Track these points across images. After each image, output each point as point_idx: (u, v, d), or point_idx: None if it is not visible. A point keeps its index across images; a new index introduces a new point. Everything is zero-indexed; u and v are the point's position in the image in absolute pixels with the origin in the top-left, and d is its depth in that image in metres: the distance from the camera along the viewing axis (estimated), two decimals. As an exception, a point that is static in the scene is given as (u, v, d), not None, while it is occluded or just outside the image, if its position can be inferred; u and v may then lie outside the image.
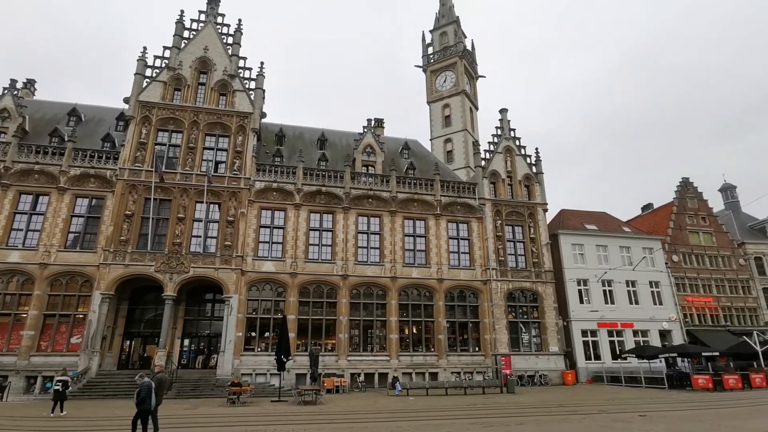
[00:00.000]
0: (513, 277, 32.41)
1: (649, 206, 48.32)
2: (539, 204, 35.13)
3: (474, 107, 50.08)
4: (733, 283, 39.48)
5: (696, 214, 41.64)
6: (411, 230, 31.99)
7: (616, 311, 35.09)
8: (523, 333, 31.79)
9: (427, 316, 30.37)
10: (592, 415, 15.61)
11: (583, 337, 33.99)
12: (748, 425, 12.43)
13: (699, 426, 12.62)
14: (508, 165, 35.99)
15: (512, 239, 33.82)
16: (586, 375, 32.48)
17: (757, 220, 44.68)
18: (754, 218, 45.35)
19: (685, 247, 39.77)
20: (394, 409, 17.68)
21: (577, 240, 36.63)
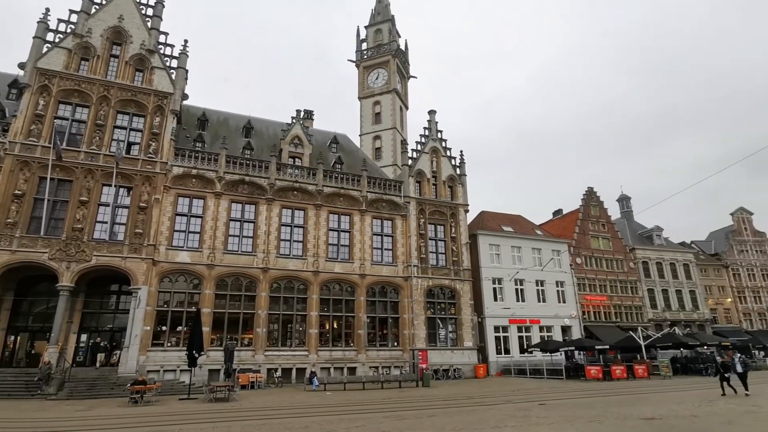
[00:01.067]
0: (433, 275, 33.46)
1: (559, 212, 52.25)
2: (461, 205, 36.56)
3: (404, 106, 50.92)
4: (623, 284, 43.91)
5: (597, 221, 45.74)
6: (336, 225, 31.83)
7: (526, 309, 37.58)
8: (440, 328, 32.95)
9: (348, 311, 30.42)
10: (498, 405, 16.58)
11: (495, 333, 36.03)
12: (631, 411, 13.87)
13: (589, 412, 13.86)
14: (433, 165, 37.04)
15: (434, 237, 34.89)
16: (496, 368, 34.44)
17: (645, 228, 50.01)
18: (643, 227, 50.71)
19: (587, 251, 43.54)
20: (310, 405, 17.52)
21: (495, 241, 38.69)
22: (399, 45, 51.10)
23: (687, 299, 46.09)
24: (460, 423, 12.47)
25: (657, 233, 48.75)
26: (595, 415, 13.19)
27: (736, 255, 50.49)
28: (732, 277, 49.41)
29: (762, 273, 50.59)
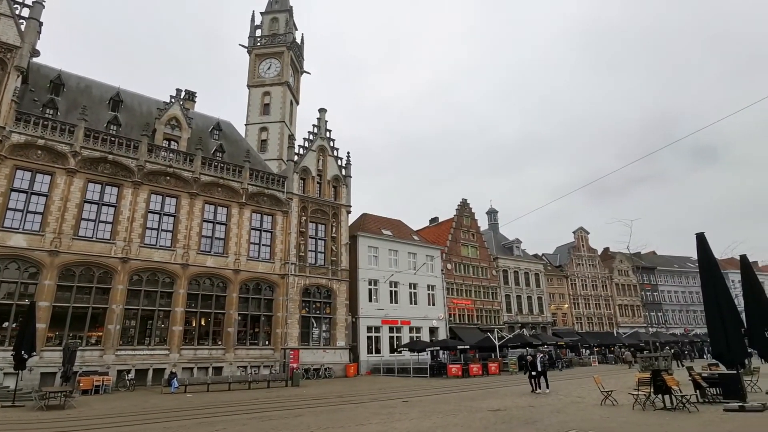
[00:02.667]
0: (311, 273, 33.23)
1: (435, 219, 55.63)
2: (344, 205, 36.92)
3: (295, 101, 49.90)
4: (486, 290, 48.30)
5: (468, 231, 49.67)
6: (211, 216, 29.92)
7: (398, 310, 39.26)
8: (314, 328, 32.82)
9: (218, 308, 28.73)
10: (365, 403, 17.02)
11: (368, 333, 37.00)
12: (481, 404, 15.27)
13: (446, 406, 14.94)
14: (319, 164, 36.86)
15: (315, 236, 34.70)
16: (366, 367, 35.34)
17: (508, 240, 55.70)
18: (506, 238, 56.42)
19: (457, 258, 47.00)
20: (165, 409, 16.12)
21: (374, 243, 39.79)
22: (295, 38, 49.96)
23: (535, 304, 52.33)
24: (326, 422, 12.51)
25: (517, 245, 54.58)
26: (451, 409, 14.24)
27: (575, 267, 58.76)
28: (570, 286, 57.36)
29: (592, 283, 59.57)
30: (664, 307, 64.33)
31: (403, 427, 11.24)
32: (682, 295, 66.59)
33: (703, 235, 13.60)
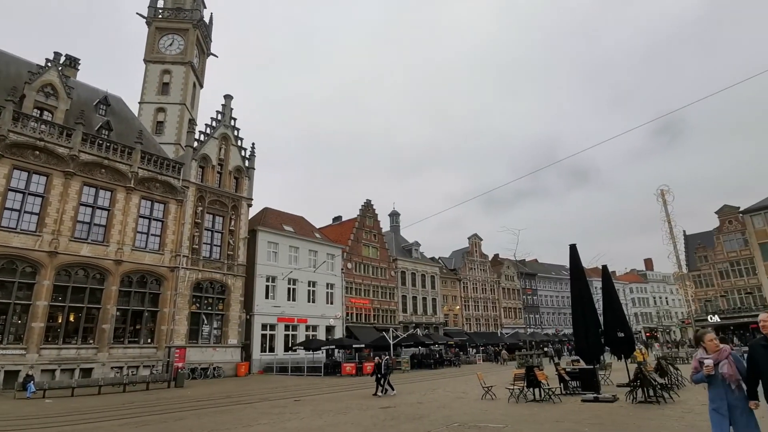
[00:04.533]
0: (204, 267, 31.35)
1: (338, 218, 55.69)
2: (245, 198, 35.42)
3: (199, 84, 46.81)
4: (384, 290, 49.43)
5: (371, 231, 50.44)
6: (91, 199, 26.85)
7: (296, 308, 38.59)
8: (205, 324, 31.01)
9: (93, 302, 25.81)
10: (254, 403, 16.44)
11: (262, 331, 35.85)
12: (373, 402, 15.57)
13: (338, 405, 15.00)
14: (221, 153, 34.96)
15: (211, 228, 32.83)
16: (259, 366, 34.20)
17: (407, 242, 57.60)
18: (406, 240, 58.32)
19: (358, 257, 47.48)
20: (16, 417, 14.06)
21: (274, 239, 38.69)
22: (203, 16, 46.89)
23: (429, 305, 54.75)
24: (211, 424, 11.85)
25: (416, 247, 56.65)
26: (342, 408, 14.32)
27: (468, 271, 62.59)
28: (462, 289, 61.00)
29: (482, 287, 63.93)
30: (541, 309, 71.28)
31: (293, 427, 11.05)
32: (556, 299, 74.36)
33: (575, 246, 15.30)
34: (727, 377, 4.89)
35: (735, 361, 4.95)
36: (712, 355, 5.09)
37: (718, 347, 5.12)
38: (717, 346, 5.13)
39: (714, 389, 5.07)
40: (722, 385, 4.96)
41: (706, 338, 5.26)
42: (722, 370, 4.92)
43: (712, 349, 5.14)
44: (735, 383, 4.88)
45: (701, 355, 5.22)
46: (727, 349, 5.09)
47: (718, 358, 5.02)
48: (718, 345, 5.15)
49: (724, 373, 4.91)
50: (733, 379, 4.88)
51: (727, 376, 4.89)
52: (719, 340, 5.28)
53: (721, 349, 5.09)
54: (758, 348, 4.78)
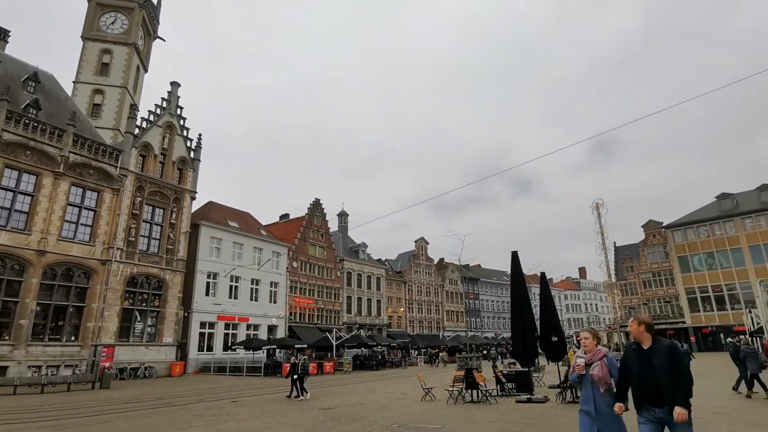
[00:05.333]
0: (140, 261, 29.74)
1: (286, 216, 54.68)
2: (189, 190, 33.99)
3: (143, 68, 44.37)
4: (329, 290, 49.08)
5: (318, 230, 49.93)
6: (13, 183, 24.74)
7: (237, 306, 37.45)
8: (138, 322, 29.40)
9: (10, 295, 23.78)
10: (189, 404, 15.75)
11: (201, 329, 34.48)
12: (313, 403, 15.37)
13: (277, 406, 14.69)
14: (165, 142, 33.35)
15: (150, 221, 31.22)
16: (195, 366, 32.87)
17: (355, 243, 57.54)
18: (354, 241, 58.23)
19: (304, 256, 46.85)
20: None
21: (218, 234, 37.36)
22: (150, -4, 44.51)
23: (374, 307, 54.96)
24: (140, 427, 11.23)
25: (363, 248, 56.68)
26: (282, 409, 14.04)
27: (413, 274, 63.46)
28: (407, 291, 61.76)
29: (427, 290, 65.06)
30: (482, 313, 73.54)
31: (230, 429, 10.69)
32: (497, 303, 77.03)
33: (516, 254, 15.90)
34: (596, 380, 4.69)
35: (608, 365, 4.73)
36: (586, 356, 4.90)
37: (593, 347, 4.91)
38: (592, 346, 4.91)
39: (584, 390, 4.86)
40: (592, 387, 4.75)
41: (581, 336, 5.06)
42: (592, 372, 4.72)
43: (588, 348, 4.94)
44: (604, 386, 4.65)
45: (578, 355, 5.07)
46: (602, 351, 4.86)
47: (592, 359, 4.82)
48: (593, 345, 4.92)
49: (593, 374, 4.70)
50: (601, 383, 4.66)
51: (595, 378, 4.69)
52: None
53: (597, 350, 4.87)
54: (630, 352, 4.56)
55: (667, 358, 4.24)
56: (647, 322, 4.51)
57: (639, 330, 4.50)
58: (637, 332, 4.51)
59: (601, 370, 4.67)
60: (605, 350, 4.87)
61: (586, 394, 4.83)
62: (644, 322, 4.50)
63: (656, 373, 4.23)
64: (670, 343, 4.38)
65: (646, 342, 4.45)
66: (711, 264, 51.87)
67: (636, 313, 4.97)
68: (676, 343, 4.34)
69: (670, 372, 4.19)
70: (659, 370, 4.22)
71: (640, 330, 4.49)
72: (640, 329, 4.49)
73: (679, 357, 4.25)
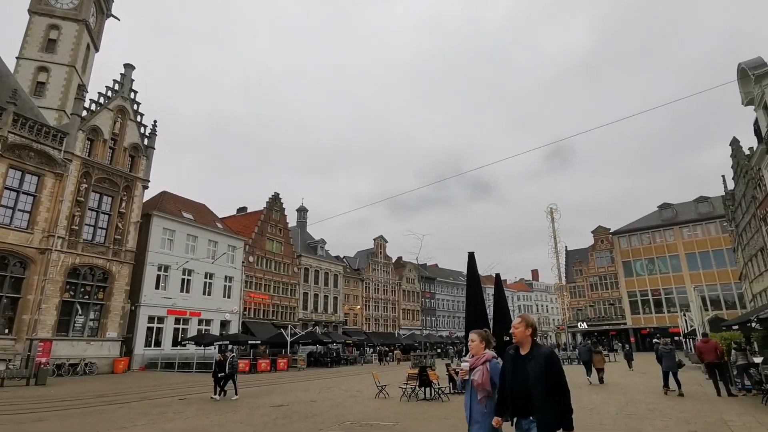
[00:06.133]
0: (84, 251, 28.19)
1: (243, 209, 53.39)
2: (141, 179, 32.52)
3: (94, 47, 41.98)
4: (285, 286, 48.36)
5: (276, 225, 49.05)
6: (-58, 163, 22.76)
7: (189, 300, 36.22)
8: (79, 315, 27.86)
9: (-67, 284, 21.87)
10: (132, 402, 15.08)
11: (149, 323, 33.11)
12: (265, 400, 15.10)
13: (227, 403, 14.31)
14: (116, 127, 31.73)
15: (97, 209, 29.65)
16: (141, 362, 31.55)
17: (313, 240, 56.97)
18: (312, 237, 57.63)
19: (260, 251, 45.91)
20: None
21: (171, 225, 35.97)
22: (105, -28, 42.17)
23: (330, 304, 54.62)
24: (78, 425, 10.65)
25: (321, 245, 56.18)
26: (231, 406, 13.71)
27: (371, 272, 63.54)
28: (365, 289, 61.77)
29: (384, 288, 65.31)
30: (437, 312, 74.66)
31: (175, 428, 10.32)
32: (452, 303, 78.43)
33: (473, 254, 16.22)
34: (475, 386, 4.22)
35: (491, 370, 4.23)
36: (471, 360, 4.42)
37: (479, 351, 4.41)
38: (479, 349, 4.42)
39: (465, 396, 4.37)
40: (471, 393, 4.29)
41: (469, 338, 4.56)
42: (473, 377, 4.25)
43: (474, 351, 4.44)
44: (482, 393, 4.18)
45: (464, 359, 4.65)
46: (487, 355, 4.33)
47: (475, 364, 4.32)
48: (480, 348, 4.42)
49: (473, 380, 4.23)
50: (480, 389, 4.19)
51: (475, 384, 4.22)
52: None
53: (482, 354, 4.36)
54: (507, 357, 4.10)
55: (543, 367, 3.79)
56: (534, 326, 4.08)
57: (525, 333, 4.03)
58: (522, 335, 4.03)
59: (482, 375, 4.18)
60: (491, 354, 4.35)
61: (465, 400, 4.36)
62: (531, 326, 4.06)
63: (529, 383, 3.80)
64: (549, 351, 3.93)
65: (526, 347, 4.00)
66: (651, 269, 55.04)
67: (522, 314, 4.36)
68: (555, 352, 3.96)
69: (543, 382, 3.75)
70: (532, 380, 3.79)
71: (526, 333, 4.03)
72: (527, 333, 4.03)
73: (556, 368, 3.80)
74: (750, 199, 29.26)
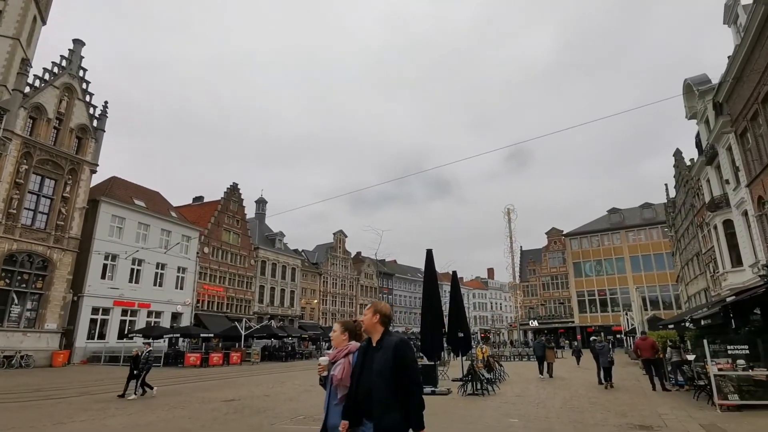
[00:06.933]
0: (23, 237, 26.49)
1: (200, 198, 51.76)
2: (89, 162, 30.87)
3: (42, 19, 39.17)
4: (241, 279, 47.33)
5: (234, 216, 47.87)
6: None
7: (138, 291, 34.78)
8: (15, 305, 26.17)
9: None
10: (71, 397, 14.34)
11: (92, 315, 31.57)
12: (216, 395, 14.73)
13: (176, 398, 13.86)
14: (62, 105, 29.93)
15: (38, 192, 27.93)
16: (83, 355, 30.07)
17: (272, 232, 56.03)
18: (270, 230, 56.66)
19: (216, 242, 44.70)
20: None
21: (121, 213, 34.35)
22: (55, -59, 39.42)
23: (287, 297, 53.94)
24: (11, 421, 10.00)
25: (280, 238, 55.32)
26: (180, 401, 13.29)
27: (329, 266, 63.21)
28: (322, 283, 61.39)
29: (342, 283, 65.15)
30: (394, 308, 75.25)
31: (118, 424, 9.89)
32: (410, 299, 79.29)
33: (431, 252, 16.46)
34: (334, 383, 3.47)
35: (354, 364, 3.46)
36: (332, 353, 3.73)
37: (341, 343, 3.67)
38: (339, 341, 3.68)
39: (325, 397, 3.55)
40: (330, 392, 3.51)
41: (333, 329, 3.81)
42: (333, 372, 3.53)
43: (335, 344, 3.72)
44: (342, 391, 3.40)
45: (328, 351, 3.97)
46: (351, 346, 3.59)
47: (336, 357, 3.60)
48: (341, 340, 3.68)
49: (333, 375, 3.50)
50: (341, 387, 3.42)
51: (334, 381, 3.47)
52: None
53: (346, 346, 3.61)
54: (359, 350, 3.45)
55: (390, 359, 3.10)
56: (383, 312, 3.41)
57: (372, 321, 3.37)
58: (370, 324, 3.38)
59: (342, 370, 3.44)
60: (356, 346, 3.60)
61: (325, 401, 3.53)
62: (380, 312, 3.40)
63: (372, 378, 3.12)
64: (399, 338, 3.27)
65: (375, 337, 3.35)
66: (599, 270, 57.79)
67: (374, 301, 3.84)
68: (407, 340, 3.34)
69: (387, 377, 3.07)
70: (374, 374, 3.11)
71: (374, 321, 3.37)
72: (374, 320, 3.37)
73: (406, 359, 3.13)
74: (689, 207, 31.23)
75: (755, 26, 15.13)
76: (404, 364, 3.11)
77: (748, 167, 18.15)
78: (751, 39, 15.65)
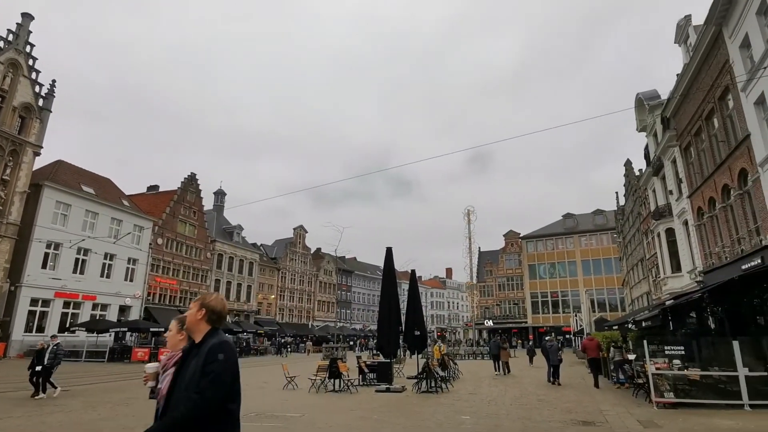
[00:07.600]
0: (-44, 221, 24.58)
1: (155, 187, 49.68)
2: (32, 144, 29.06)
3: (-17, -12, 36.56)
4: (196, 272, 45.88)
5: (190, 207, 46.30)
6: None
7: (83, 282, 33.06)
8: (-56, 294, 24.26)
9: None
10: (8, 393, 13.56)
11: (31, 306, 29.74)
12: (163, 392, 14.22)
13: (120, 395, 13.30)
14: (5, 82, 28.05)
15: (-26, 174, 25.96)
16: (20, 349, 28.25)
17: (230, 225, 54.62)
18: (229, 222, 55.21)
19: (171, 233, 43.10)
20: None
21: (67, 199, 32.48)
22: None
23: (244, 292, 52.76)
24: (-70, 420, 9.26)
25: (238, 231, 54.01)
26: (125, 399, 12.76)
27: (288, 262, 62.31)
28: (281, 279, 60.45)
29: (300, 278, 64.38)
30: (353, 305, 75.20)
31: (56, 421, 9.37)
32: (368, 297, 79.40)
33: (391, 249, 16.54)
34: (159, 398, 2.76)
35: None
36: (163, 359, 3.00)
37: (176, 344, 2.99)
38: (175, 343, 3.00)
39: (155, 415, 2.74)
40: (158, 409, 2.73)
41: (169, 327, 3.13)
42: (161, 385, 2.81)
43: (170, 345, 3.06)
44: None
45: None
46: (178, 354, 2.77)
47: (167, 365, 2.87)
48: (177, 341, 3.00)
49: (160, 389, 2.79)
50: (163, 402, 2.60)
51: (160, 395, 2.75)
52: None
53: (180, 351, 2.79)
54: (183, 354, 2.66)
55: (201, 367, 2.37)
56: (211, 307, 2.62)
57: (196, 318, 2.60)
58: (193, 320, 2.62)
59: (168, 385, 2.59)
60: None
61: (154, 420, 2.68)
62: (206, 306, 2.62)
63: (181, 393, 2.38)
64: (218, 341, 2.49)
65: (198, 337, 2.58)
66: (552, 273, 59.97)
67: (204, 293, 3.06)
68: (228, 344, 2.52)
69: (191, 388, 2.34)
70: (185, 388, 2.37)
71: (198, 318, 2.60)
72: (198, 316, 2.60)
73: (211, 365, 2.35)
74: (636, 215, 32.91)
75: (704, 47, 16.10)
76: (204, 371, 2.35)
77: (690, 179, 19.33)
78: (699, 59, 16.64)
